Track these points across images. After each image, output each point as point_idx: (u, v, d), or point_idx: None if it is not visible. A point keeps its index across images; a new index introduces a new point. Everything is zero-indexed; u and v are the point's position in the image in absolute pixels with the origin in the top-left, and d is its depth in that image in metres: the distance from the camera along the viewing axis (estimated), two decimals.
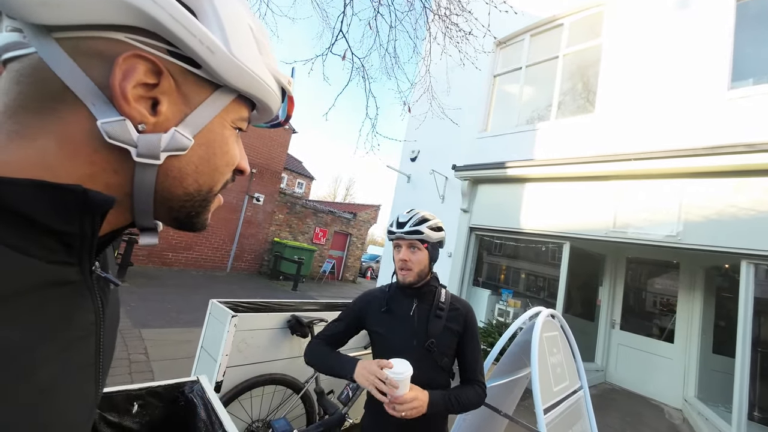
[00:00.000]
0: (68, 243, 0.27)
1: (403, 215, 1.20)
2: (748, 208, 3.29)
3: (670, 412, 4.42)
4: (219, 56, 0.30)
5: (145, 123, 0.29)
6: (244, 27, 0.33)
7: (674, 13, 4.14)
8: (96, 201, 0.27)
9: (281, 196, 11.51)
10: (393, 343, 1.13)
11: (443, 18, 2.93)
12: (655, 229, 3.81)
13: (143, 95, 0.29)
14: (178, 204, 0.34)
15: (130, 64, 0.27)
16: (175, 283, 7.17)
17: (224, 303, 2.08)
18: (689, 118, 3.77)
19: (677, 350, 4.79)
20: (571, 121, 4.85)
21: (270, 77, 0.37)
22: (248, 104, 0.37)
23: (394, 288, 1.24)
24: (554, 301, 4.62)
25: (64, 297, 0.28)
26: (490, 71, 6.03)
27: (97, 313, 0.32)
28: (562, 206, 4.61)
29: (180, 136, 0.31)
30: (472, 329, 1.18)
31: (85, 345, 0.30)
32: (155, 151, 0.29)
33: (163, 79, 0.29)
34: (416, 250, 1.16)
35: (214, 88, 0.33)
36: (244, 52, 0.32)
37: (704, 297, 4.72)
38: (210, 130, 0.33)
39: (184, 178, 0.33)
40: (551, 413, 1.38)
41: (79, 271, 0.29)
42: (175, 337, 4.08)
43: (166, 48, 0.29)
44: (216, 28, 0.30)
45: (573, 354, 1.95)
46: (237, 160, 0.38)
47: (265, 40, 0.37)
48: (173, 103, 0.31)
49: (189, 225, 0.37)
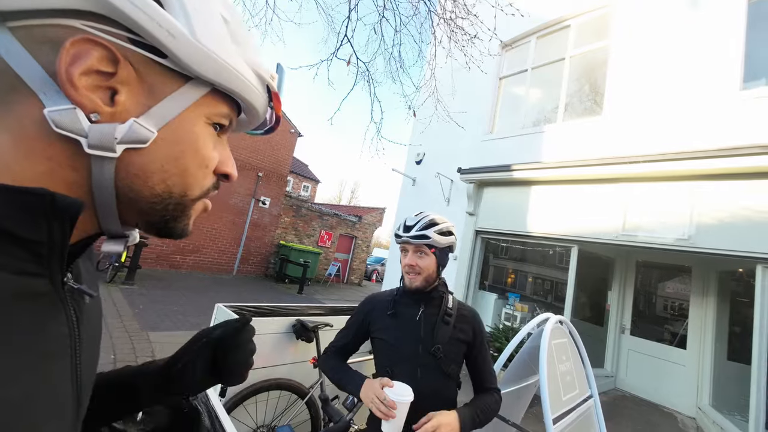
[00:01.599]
0: (36, 252, 0.26)
1: (411, 218, 1.16)
2: (764, 211, 3.20)
3: (683, 421, 4.30)
4: (181, 41, 0.28)
5: (99, 112, 0.27)
6: (212, 14, 0.31)
7: (684, 13, 4.08)
8: (64, 205, 0.26)
9: (287, 199, 11.58)
10: (398, 349, 1.10)
11: (448, 21, 2.92)
12: (665, 233, 3.74)
13: (99, 84, 0.27)
14: (147, 206, 0.32)
15: (80, 49, 0.26)
16: (182, 285, 7.24)
17: (229, 307, 2.08)
18: (700, 119, 3.70)
19: (690, 356, 4.68)
20: (579, 123, 4.80)
21: (248, 70, 0.34)
22: (227, 100, 0.35)
23: (400, 292, 1.20)
24: (562, 306, 4.55)
25: (33, 310, 0.26)
26: (495, 73, 6.01)
27: (71, 326, 0.30)
28: (569, 209, 4.55)
29: (139, 127, 0.28)
30: (481, 337, 1.15)
31: (59, 360, 0.29)
32: (109, 143, 0.27)
33: (120, 68, 0.27)
34: (423, 254, 1.12)
35: (184, 81, 0.31)
36: (212, 39, 0.30)
37: (717, 302, 4.61)
38: (178, 125, 0.31)
39: (149, 176, 0.30)
40: (560, 423, 1.34)
41: (49, 282, 0.28)
42: (182, 340, 4.02)
43: (126, 36, 0.27)
44: (180, 13, 0.28)
45: (582, 361, 1.91)
46: (214, 162, 0.35)
47: (242, 32, 0.35)
48: (134, 94, 0.29)
49: (166, 231, 0.35)
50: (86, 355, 0.33)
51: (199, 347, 0.51)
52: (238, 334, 0.52)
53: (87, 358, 0.34)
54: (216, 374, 0.52)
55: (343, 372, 1.14)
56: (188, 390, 0.51)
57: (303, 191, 23.89)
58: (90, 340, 0.35)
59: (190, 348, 0.51)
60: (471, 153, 5.83)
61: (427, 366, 1.04)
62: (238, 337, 0.52)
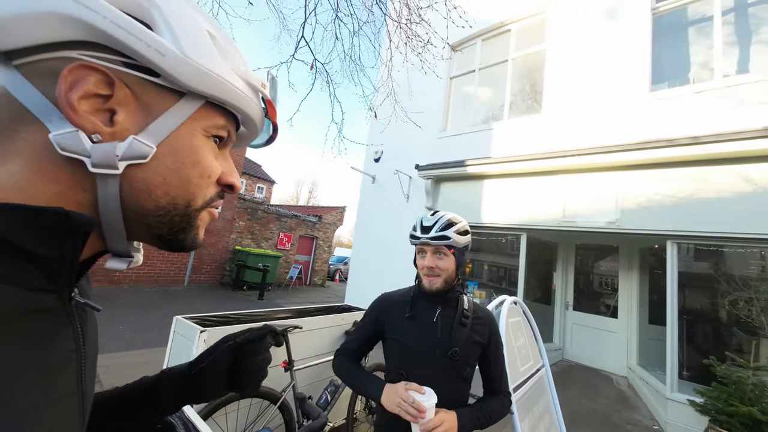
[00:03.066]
0: (48, 268, 0.27)
1: (428, 218, 1.11)
2: (671, 194, 3.78)
3: (618, 381, 4.93)
4: (171, 58, 0.30)
5: (100, 133, 0.29)
6: (198, 30, 0.33)
7: (604, 22, 4.62)
8: (78, 222, 0.27)
9: (241, 202, 11.00)
10: (414, 352, 1.06)
11: (404, 27, 3.02)
12: (598, 218, 4.24)
13: (99, 107, 0.29)
14: (154, 219, 0.33)
15: (77, 75, 0.28)
16: (126, 301, 6.58)
17: (190, 318, 1.98)
18: (620, 116, 4.24)
19: (621, 324, 5.36)
20: (522, 120, 5.21)
21: (238, 80, 0.36)
22: (222, 112, 0.36)
23: (416, 293, 1.16)
24: (515, 289, 4.95)
25: (43, 325, 0.27)
26: (446, 74, 6.28)
27: (78, 340, 0.31)
28: (518, 200, 4.95)
29: (138, 144, 0.30)
30: (497, 340, 1.14)
31: (67, 374, 0.30)
32: (111, 160, 0.29)
33: (116, 89, 0.29)
34: (443, 255, 1.08)
35: (179, 97, 0.32)
36: (200, 54, 0.32)
37: (640, 275, 5.33)
38: (177, 139, 0.33)
39: (152, 189, 0.32)
40: (519, 392, 1.51)
41: (58, 297, 0.29)
42: (131, 360, 3.76)
43: (120, 60, 0.29)
44: (166, 32, 0.30)
45: (535, 336, 2.13)
46: (215, 172, 0.37)
47: (229, 46, 0.37)
48: (131, 113, 0.30)
49: (175, 243, 0.36)
50: (89, 368, 0.34)
51: (226, 348, 0.53)
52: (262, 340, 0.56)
53: (90, 371, 0.35)
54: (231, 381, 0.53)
55: (360, 377, 1.11)
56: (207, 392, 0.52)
57: (258, 193, 22.81)
58: (92, 353, 0.36)
59: (216, 348, 0.53)
60: (428, 150, 6.05)
61: (443, 369, 1.02)
62: (262, 344, 0.55)
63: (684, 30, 4.30)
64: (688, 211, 3.64)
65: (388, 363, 1.14)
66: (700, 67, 4.07)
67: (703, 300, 4.09)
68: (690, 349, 3.92)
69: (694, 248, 3.96)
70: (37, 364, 0.26)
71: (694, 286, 4.07)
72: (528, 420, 1.53)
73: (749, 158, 3.37)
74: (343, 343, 1.23)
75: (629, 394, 4.44)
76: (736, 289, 3.67)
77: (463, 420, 0.97)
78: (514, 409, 1.38)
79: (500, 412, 1.07)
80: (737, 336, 3.76)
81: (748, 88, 3.49)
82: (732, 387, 2.96)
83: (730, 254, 3.84)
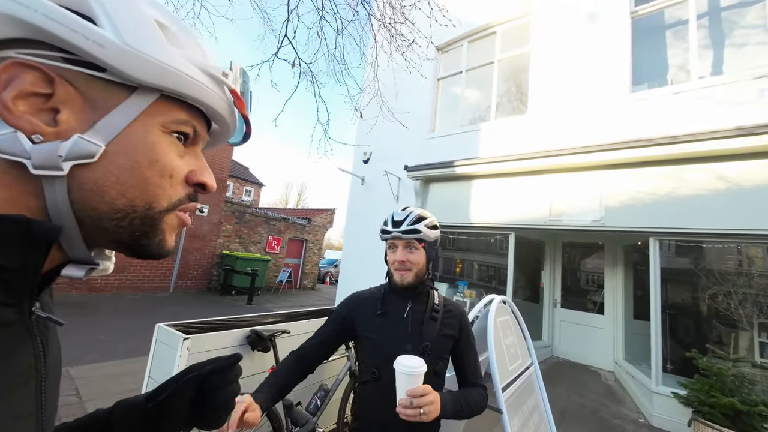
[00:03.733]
0: (6, 280, 0.26)
1: (398, 213, 1.13)
2: (651, 192, 3.88)
3: (605, 376, 5.03)
4: (112, 50, 0.28)
5: (42, 133, 0.27)
6: (142, 18, 0.30)
7: (585, 25, 4.73)
8: (40, 231, 0.26)
9: (228, 206, 10.82)
10: (386, 348, 1.06)
11: (388, 27, 3.02)
12: (583, 216, 4.32)
13: (40, 107, 0.28)
14: (112, 223, 0.31)
15: (11, 73, 0.26)
16: (107, 310, 6.37)
17: (173, 326, 1.91)
18: (602, 117, 4.34)
19: (607, 320, 5.48)
20: (509, 121, 5.28)
21: (194, 70, 0.33)
22: (184, 107, 0.34)
23: (387, 290, 1.16)
24: (504, 288, 5.00)
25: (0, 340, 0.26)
26: (433, 75, 6.32)
27: (38, 356, 0.30)
28: (505, 200, 5.01)
29: (84, 142, 0.28)
30: (467, 333, 1.15)
31: (24, 391, 0.28)
32: (53, 161, 0.27)
33: (57, 87, 0.28)
34: (414, 249, 1.10)
35: (130, 92, 0.30)
36: (145, 43, 0.30)
37: (624, 271, 5.46)
38: (129, 136, 0.30)
39: (105, 191, 0.30)
40: (508, 391, 1.51)
41: (17, 311, 0.27)
42: (112, 371, 3.63)
43: (60, 56, 0.28)
44: (106, 23, 0.28)
45: (523, 334, 2.14)
46: (178, 171, 0.34)
47: (184, 35, 0.35)
48: (76, 111, 0.29)
49: (139, 249, 0.34)
50: (50, 385, 0.32)
51: (188, 379, 0.48)
52: (228, 371, 0.51)
53: (51, 389, 0.33)
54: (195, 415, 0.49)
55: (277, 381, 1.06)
56: (166, 427, 0.47)
57: (245, 196, 22.48)
58: (54, 370, 0.34)
59: (178, 379, 0.48)
60: (416, 151, 6.07)
61: None
62: (227, 375, 0.51)
63: (662, 33, 4.43)
64: (668, 208, 3.75)
65: (361, 362, 1.14)
66: (678, 69, 4.21)
67: (685, 295, 4.22)
68: (673, 343, 4.02)
69: (675, 244, 4.08)
70: None
71: (676, 281, 4.19)
72: (518, 418, 1.53)
73: (723, 157, 3.49)
74: (302, 344, 1.17)
75: (616, 389, 4.53)
76: (715, 283, 3.80)
77: (446, 402, 0.96)
78: (503, 408, 1.38)
79: (480, 403, 1.07)
80: (717, 329, 3.89)
81: (723, 89, 3.62)
82: (713, 378, 3.05)
83: (709, 250, 3.97)
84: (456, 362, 1.14)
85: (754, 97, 3.43)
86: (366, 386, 1.09)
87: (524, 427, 1.58)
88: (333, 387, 2.28)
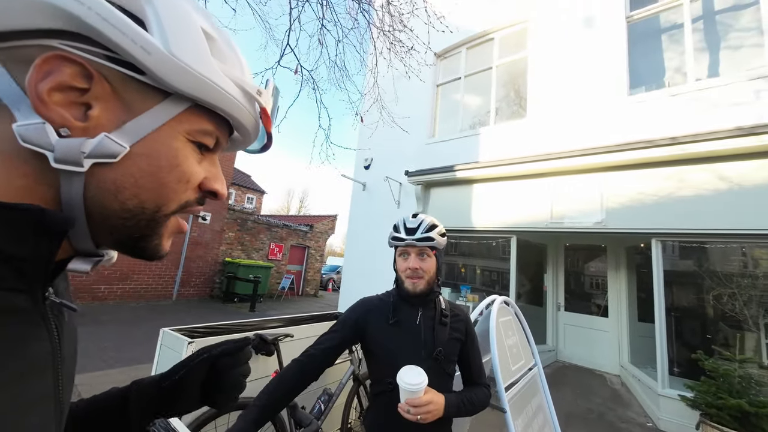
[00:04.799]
0: (19, 268, 0.26)
1: (410, 220, 1.14)
2: (653, 194, 3.89)
3: (611, 379, 4.97)
4: (157, 57, 0.28)
5: (70, 127, 0.27)
6: (191, 29, 0.31)
7: (582, 30, 4.80)
8: (54, 221, 0.26)
9: (230, 213, 10.87)
10: (402, 357, 1.05)
11: (387, 34, 3.08)
12: (584, 218, 4.32)
13: (74, 100, 0.27)
14: (118, 222, 0.31)
15: (52, 65, 0.26)
16: (110, 318, 6.38)
17: (178, 330, 1.93)
18: (601, 119, 4.37)
19: (611, 323, 5.43)
20: (508, 125, 5.33)
21: (230, 85, 0.34)
22: (211, 117, 0.34)
23: (396, 297, 1.16)
24: (507, 292, 4.98)
25: (13, 325, 0.26)
26: (433, 81, 6.40)
27: (53, 342, 0.30)
28: (506, 203, 5.02)
29: (110, 142, 0.28)
30: (473, 335, 1.18)
31: (42, 376, 0.28)
32: (75, 157, 0.27)
33: (94, 83, 0.28)
34: (426, 257, 1.11)
35: (163, 97, 0.31)
36: (189, 54, 0.30)
37: (627, 274, 5.43)
38: (155, 140, 0.31)
39: (120, 191, 0.30)
40: (511, 390, 1.51)
41: (30, 297, 0.27)
42: (116, 378, 3.63)
43: (103, 53, 0.28)
44: (156, 29, 0.29)
45: (526, 335, 2.14)
46: (195, 177, 0.35)
47: (228, 49, 0.35)
48: (108, 109, 0.29)
49: (136, 250, 0.34)
50: (66, 371, 0.33)
51: (200, 361, 0.50)
52: (239, 353, 0.52)
53: (67, 374, 0.33)
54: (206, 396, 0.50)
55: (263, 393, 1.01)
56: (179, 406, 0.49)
57: (247, 203, 22.58)
58: (69, 355, 0.35)
59: (189, 360, 0.50)
60: (417, 156, 6.11)
61: (430, 369, 1.02)
62: (240, 356, 0.52)
63: (657, 37, 4.49)
64: (669, 209, 3.75)
65: (375, 373, 1.13)
66: (674, 72, 4.25)
67: (689, 296, 4.19)
68: (679, 345, 3.99)
69: (678, 246, 4.07)
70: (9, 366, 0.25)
71: (680, 283, 4.17)
72: (522, 418, 1.53)
73: (724, 157, 3.50)
74: (306, 348, 1.13)
75: (622, 392, 4.48)
76: (719, 284, 3.77)
77: (450, 403, 1.00)
78: (506, 407, 1.38)
79: (483, 401, 1.11)
80: (723, 330, 3.85)
81: (720, 91, 3.65)
82: (720, 380, 3.02)
83: (712, 250, 3.95)
84: (462, 364, 1.17)
85: (750, 98, 3.46)
86: (381, 397, 1.08)
87: (528, 428, 1.58)
88: (336, 391, 2.28)
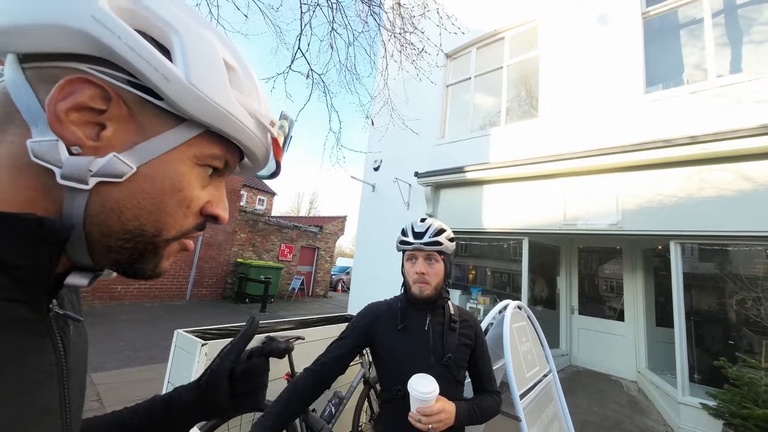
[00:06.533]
0: (18, 278, 0.26)
1: (418, 224, 1.12)
2: (671, 194, 3.77)
3: (627, 386, 4.83)
4: (176, 85, 0.29)
5: (81, 146, 0.28)
6: (213, 60, 0.32)
7: (595, 27, 4.69)
8: (52, 229, 0.26)
9: (242, 215, 11.03)
10: (410, 363, 1.04)
11: (398, 37, 3.08)
12: (599, 220, 4.22)
13: (89, 120, 0.28)
14: (117, 243, 0.31)
15: (74, 86, 0.27)
16: (127, 318, 6.54)
17: (191, 332, 1.96)
18: (616, 118, 4.26)
19: (628, 327, 5.28)
20: (519, 126, 5.25)
21: (245, 114, 0.35)
22: (222, 142, 0.35)
23: (404, 302, 1.14)
24: (519, 294, 4.90)
25: (15, 337, 0.26)
26: (443, 81, 6.36)
27: (58, 353, 0.30)
28: (518, 205, 4.94)
29: (118, 162, 0.28)
30: (482, 341, 1.16)
31: (46, 388, 0.28)
32: (81, 174, 0.27)
33: (112, 105, 0.28)
34: (434, 261, 1.09)
35: (177, 122, 0.31)
36: (208, 83, 0.31)
37: (644, 277, 5.28)
38: (162, 163, 0.31)
39: (123, 211, 0.30)
40: (526, 398, 1.47)
41: (32, 308, 0.27)
42: (132, 377, 3.71)
43: (126, 78, 0.29)
44: (180, 59, 0.30)
45: (540, 341, 2.10)
46: (197, 202, 0.35)
47: (247, 80, 0.36)
48: (122, 131, 0.29)
49: (132, 271, 0.34)
50: (74, 382, 0.33)
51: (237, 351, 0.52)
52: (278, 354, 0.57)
53: (75, 385, 0.33)
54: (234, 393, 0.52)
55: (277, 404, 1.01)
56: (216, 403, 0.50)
57: (259, 205, 22.88)
58: (77, 366, 0.35)
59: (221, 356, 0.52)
60: (426, 157, 6.08)
61: (440, 376, 1.00)
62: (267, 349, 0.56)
63: (675, 33, 4.35)
64: (689, 210, 3.62)
65: (384, 379, 1.11)
66: (694, 68, 4.11)
67: (710, 300, 4.04)
68: (700, 351, 3.85)
69: (698, 248, 3.93)
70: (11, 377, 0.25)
71: (701, 286, 4.02)
72: (537, 426, 1.49)
73: (747, 156, 3.37)
74: (319, 355, 1.12)
75: (640, 399, 4.35)
76: (742, 288, 3.63)
77: (462, 411, 0.99)
78: (522, 416, 1.35)
79: (493, 409, 1.09)
80: (747, 336, 3.70)
81: (743, 87, 3.52)
82: (745, 389, 2.90)
83: (735, 253, 3.80)
84: (471, 370, 1.14)
85: None
86: (390, 404, 1.06)
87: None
88: (347, 395, 2.28)
